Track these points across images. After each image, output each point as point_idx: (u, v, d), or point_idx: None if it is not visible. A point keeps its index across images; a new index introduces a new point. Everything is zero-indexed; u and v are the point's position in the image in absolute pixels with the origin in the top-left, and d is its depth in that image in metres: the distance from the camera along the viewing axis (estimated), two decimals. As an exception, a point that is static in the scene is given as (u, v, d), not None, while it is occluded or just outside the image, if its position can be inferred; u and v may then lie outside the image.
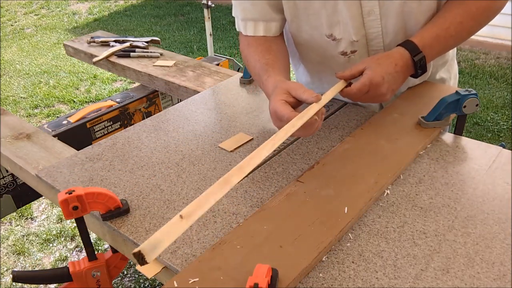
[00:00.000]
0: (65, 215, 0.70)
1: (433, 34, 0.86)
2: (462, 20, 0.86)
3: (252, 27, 0.97)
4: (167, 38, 4.53)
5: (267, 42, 0.97)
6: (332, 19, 0.91)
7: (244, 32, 0.99)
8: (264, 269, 0.54)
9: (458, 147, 0.87)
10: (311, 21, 0.93)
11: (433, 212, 0.71)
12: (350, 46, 0.94)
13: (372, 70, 0.82)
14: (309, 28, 0.95)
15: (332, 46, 0.96)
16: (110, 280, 0.84)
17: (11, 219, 2.23)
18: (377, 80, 0.81)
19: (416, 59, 0.85)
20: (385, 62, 0.84)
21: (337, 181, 0.77)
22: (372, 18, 0.90)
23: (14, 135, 1.09)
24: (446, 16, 0.87)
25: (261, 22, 0.97)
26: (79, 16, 5.48)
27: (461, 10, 0.86)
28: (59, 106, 3.35)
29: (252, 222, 0.69)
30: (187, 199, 0.78)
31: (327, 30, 0.93)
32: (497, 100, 3.04)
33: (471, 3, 0.86)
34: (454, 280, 0.59)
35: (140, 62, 1.54)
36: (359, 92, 0.83)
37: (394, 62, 0.84)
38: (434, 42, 0.86)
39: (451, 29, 0.86)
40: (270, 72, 0.89)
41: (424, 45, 0.86)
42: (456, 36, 0.87)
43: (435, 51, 0.88)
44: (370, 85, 0.82)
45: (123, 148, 0.95)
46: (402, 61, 0.85)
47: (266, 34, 0.98)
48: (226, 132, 0.99)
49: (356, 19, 0.90)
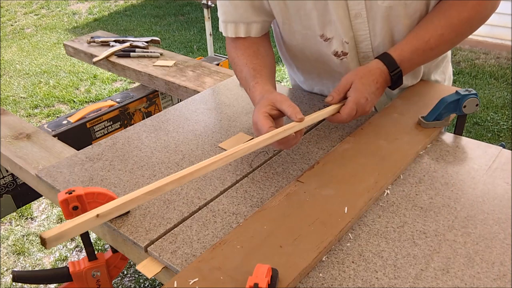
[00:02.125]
0: (65, 215, 0.70)
1: (412, 48, 0.87)
2: (443, 32, 0.87)
3: (232, 28, 0.97)
4: (167, 38, 4.53)
5: (254, 45, 0.97)
6: (323, 19, 0.91)
7: (225, 33, 0.99)
8: (264, 269, 0.54)
9: (458, 147, 0.87)
10: (303, 21, 0.94)
11: (433, 212, 0.71)
12: (341, 46, 0.95)
13: (356, 91, 0.84)
14: (301, 28, 0.96)
15: (325, 46, 0.96)
16: (110, 280, 0.84)
17: (11, 219, 2.23)
18: (362, 101, 0.84)
19: (392, 74, 0.87)
20: (367, 80, 0.85)
21: (337, 181, 0.77)
22: (360, 21, 0.90)
23: (14, 135, 1.09)
24: (427, 27, 0.88)
25: (242, 24, 0.97)
26: (79, 16, 5.48)
27: (443, 21, 0.87)
28: (59, 106, 3.35)
29: (252, 222, 0.69)
30: (187, 199, 0.78)
31: (319, 30, 0.93)
32: (497, 100, 3.04)
33: (454, 15, 0.86)
34: (454, 280, 0.59)
35: (140, 62, 1.54)
36: (349, 117, 0.84)
37: (376, 80, 0.86)
38: (414, 56, 0.88)
39: (431, 41, 0.87)
40: (258, 79, 0.89)
41: (403, 60, 0.87)
42: (436, 48, 0.88)
43: (413, 64, 0.90)
44: (357, 108, 0.84)
45: (123, 148, 0.95)
46: (382, 78, 0.87)
47: (247, 35, 0.98)
48: (226, 132, 0.99)
49: (345, 21, 0.90)
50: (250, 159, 0.88)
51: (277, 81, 3.76)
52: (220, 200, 0.78)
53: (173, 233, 0.71)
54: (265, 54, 0.97)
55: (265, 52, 0.98)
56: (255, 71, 0.91)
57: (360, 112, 0.85)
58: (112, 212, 0.58)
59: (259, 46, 0.98)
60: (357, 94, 0.83)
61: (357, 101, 0.83)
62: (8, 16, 5.63)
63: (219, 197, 0.78)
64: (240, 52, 0.97)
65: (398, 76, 0.88)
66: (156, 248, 0.68)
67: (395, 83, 0.89)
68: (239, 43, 0.98)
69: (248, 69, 0.92)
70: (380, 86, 0.86)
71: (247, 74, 0.92)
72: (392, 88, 0.91)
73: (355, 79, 0.85)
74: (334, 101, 0.85)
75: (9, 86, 3.68)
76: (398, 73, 0.87)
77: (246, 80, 0.92)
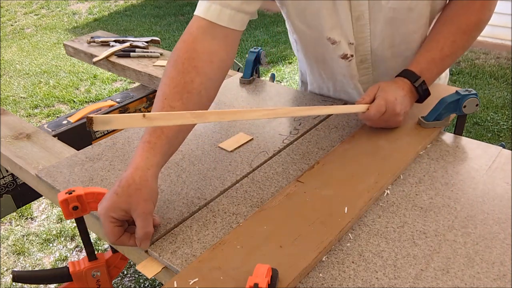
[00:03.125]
0: (65, 215, 0.70)
1: (428, 58, 0.88)
2: (455, 38, 0.87)
3: (217, 11, 0.78)
4: (167, 38, 4.53)
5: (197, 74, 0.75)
6: (331, 21, 0.91)
7: (204, 14, 0.79)
8: (264, 269, 0.54)
9: (458, 147, 0.87)
10: (311, 21, 0.93)
11: (433, 212, 0.71)
12: (348, 49, 0.95)
13: (383, 91, 0.85)
14: (305, 28, 0.95)
15: (332, 49, 0.96)
16: (110, 280, 0.84)
17: (11, 219, 2.23)
18: (391, 99, 0.84)
19: (416, 85, 0.87)
20: (392, 86, 0.86)
21: (337, 181, 0.77)
22: (361, 23, 0.90)
23: (14, 135, 1.08)
24: (438, 39, 0.88)
25: (228, 10, 0.79)
26: (79, 16, 5.48)
27: (452, 29, 0.87)
28: (59, 106, 3.35)
29: (252, 222, 0.69)
30: (187, 199, 0.78)
31: (327, 33, 0.93)
32: (497, 100, 3.03)
33: (461, 20, 0.87)
34: (454, 280, 0.59)
35: (140, 62, 1.54)
36: (377, 113, 0.84)
37: (400, 87, 0.86)
38: (431, 65, 0.88)
39: (445, 49, 0.87)
40: (156, 140, 0.69)
41: (422, 70, 0.87)
42: (451, 55, 0.88)
43: (434, 73, 0.89)
44: (386, 105, 0.84)
45: (123, 148, 0.95)
46: (406, 86, 0.86)
47: (230, 25, 0.80)
48: (226, 132, 0.99)
49: (347, 23, 0.90)
50: (250, 159, 0.88)
51: (277, 81, 3.73)
52: (220, 200, 0.78)
53: (173, 233, 0.71)
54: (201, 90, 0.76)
55: (198, 91, 0.75)
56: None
57: (389, 112, 0.84)
58: (158, 118, 0.58)
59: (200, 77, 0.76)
60: (385, 93, 0.84)
61: (385, 98, 0.83)
62: (8, 16, 5.63)
63: (219, 197, 0.78)
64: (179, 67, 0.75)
65: (423, 88, 0.87)
66: (156, 248, 0.68)
67: (423, 95, 0.88)
68: (204, 39, 0.79)
69: (161, 105, 0.72)
70: (407, 93, 0.86)
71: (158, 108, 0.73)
72: (421, 101, 0.90)
73: (381, 83, 0.87)
74: (364, 101, 0.86)
75: (9, 86, 3.68)
76: (422, 83, 0.87)
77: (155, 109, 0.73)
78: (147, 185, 0.66)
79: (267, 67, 3.76)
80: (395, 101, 0.84)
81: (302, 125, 1.00)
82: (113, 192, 0.65)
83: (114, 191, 0.65)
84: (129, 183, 0.65)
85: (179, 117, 0.61)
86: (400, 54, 0.96)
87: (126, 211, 0.65)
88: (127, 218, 0.67)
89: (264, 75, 3.56)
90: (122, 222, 0.67)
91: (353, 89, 1.03)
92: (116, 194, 0.65)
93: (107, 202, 0.65)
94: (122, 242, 0.67)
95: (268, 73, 3.62)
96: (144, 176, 0.66)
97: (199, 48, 0.77)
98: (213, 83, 0.79)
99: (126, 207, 0.65)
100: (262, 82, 1.23)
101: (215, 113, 0.66)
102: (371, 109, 0.84)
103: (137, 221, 0.65)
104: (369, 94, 0.87)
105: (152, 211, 0.67)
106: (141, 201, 0.65)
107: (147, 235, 0.66)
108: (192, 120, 0.62)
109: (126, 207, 0.65)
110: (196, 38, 0.78)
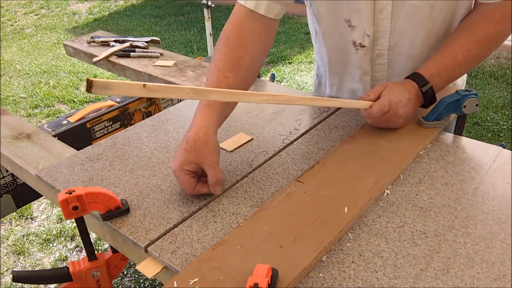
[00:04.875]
0: (65, 215, 0.70)
1: (440, 64, 0.87)
2: (470, 48, 0.86)
3: (254, 2, 0.87)
4: (167, 38, 4.53)
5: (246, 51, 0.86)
6: (351, 5, 0.91)
7: (244, 2, 0.88)
8: (264, 269, 0.54)
9: (458, 147, 0.87)
10: (332, 4, 0.94)
11: (433, 212, 0.71)
12: (361, 37, 0.95)
13: (389, 91, 0.85)
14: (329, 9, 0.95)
15: (348, 32, 0.96)
16: (110, 280, 0.84)
17: (11, 219, 2.23)
18: (396, 100, 0.84)
19: (424, 90, 0.86)
20: (399, 87, 0.86)
21: (337, 181, 0.77)
22: (383, 17, 0.90)
23: (14, 135, 1.08)
24: (453, 45, 0.87)
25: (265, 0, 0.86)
26: (79, 16, 5.48)
27: (469, 38, 0.86)
28: (59, 106, 3.35)
29: (252, 222, 0.69)
30: (187, 199, 0.78)
31: (346, 15, 0.93)
32: (497, 100, 3.03)
33: (479, 31, 0.86)
34: (454, 280, 0.59)
35: (140, 62, 1.54)
36: (380, 112, 0.84)
37: (407, 90, 0.86)
38: (442, 71, 0.87)
39: (458, 57, 0.86)
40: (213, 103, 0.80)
41: (431, 75, 0.87)
42: (464, 64, 0.87)
43: (443, 80, 0.88)
44: (390, 105, 0.84)
45: (123, 148, 0.95)
46: (413, 90, 0.86)
47: (266, 14, 0.87)
48: (226, 132, 0.99)
49: (369, 14, 0.90)
50: (250, 159, 0.88)
51: (277, 81, 3.73)
52: (220, 200, 0.78)
53: (173, 233, 0.71)
54: (247, 67, 0.86)
55: (248, 65, 0.86)
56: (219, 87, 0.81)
57: (392, 112, 0.85)
58: (157, 89, 0.60)
59: (248, 55, 0.86)
60: (390, 93, 0.85)
61: (390, 98, 0.84)
62: (8, 16, 5.63)
63: (219, 197, 0.78)
64: (231, 43, 0.86)
65: (430, 93, 0.87)
66: (156, 248, 0.68)
67: (428, 101, 0.88)
68: (249, 21, 0.88)
69: (215, 78, 0.83)
70: (413, 97, 0.86)
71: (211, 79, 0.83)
72: (426, 106, 0.90)
73: (388, 83, 0.87)
74: (368, 98, 0.86)
75: (9, 86, 3.68)
76: (429, 89, 0.86)
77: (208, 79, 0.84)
78: (211, 140, 0.76)
79: (267, 67, 3.76)
80: (399, 102, 0.84)
81: (302, 125, 1.00)
82: (183, 149, 0.75)
83: (184, 148, 0.75)
84: (195, 139, 0.75)
85: (179, 91, 0.63)
86: (417, 56, 0.96)
87: (197, 163, 0.75)
88: (199, 169, 0.76)
89: (264, 75, 3.56)
90: (194, 174, 0.76)
91: (358, 82, 1.03)
92: (186, 151, 0.74)
93: (179, 158, 0.75)
94: (198, 191, 0.77)
95: (268, 73, 3.62)
96: (208, 132, 0.76)
97: (246, 28, 0.88)
98: (258, 60, 0.90)
99: (197, 159, 0.74)
100: (262, 82, 1.23)
101: (216, 92, 0.68)
102: (374, 107, 0.84)
103: (207, 170, 0.75)
104: (375, 92, 0.87)
105: (218, 161, 0.77)
106: (208, 154, 0.75)
107: (219, 181, 0.75)
108: (192, 96, 0.64)
109: (197, 159, 0.74)
110: (242, 20, 0.88)
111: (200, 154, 0.75)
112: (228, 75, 0.82)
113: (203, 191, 0.77)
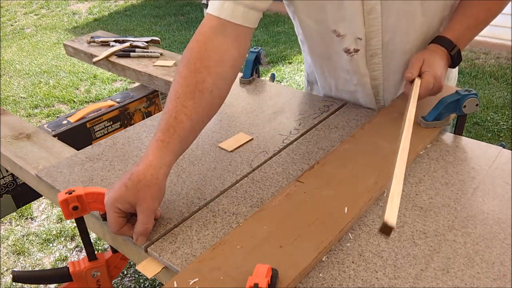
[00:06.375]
0: (65, 215, 0.70)
1: (464, 25, 0.91)
2: (490, 6, 0.90)
3: (230, 9, 0.77)
4: (167, 38, 4.53)
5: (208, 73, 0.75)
6: (337, 15, 0.91)
7: (218, 12, 0.78)
8: (264, 269, 0.54)
9: (458, 147, 0.87)
10: (315, 15, 0.94)
11: (433, 212, 0.71)
12: (354, 43, 0.94)
13: (430, 66, 0.88)
14: (313, 23, 0.95)
15: (337, 42, 0.96)
16: (110, 280, 0.84)
17: (11, 219, 2.23)
18: (438, 74, 0.87)
19: (452, 54, 0.90)
20: (435, 57, 0.89)
21: (337, 181, 0.77)
22: (373, 17, 0.90)
23: (14, 135, 1.08)
24: (473, 5, 0.91)
25: (242, 6, 0.78)
26: (79, 16, 5.48)
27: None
28: (59, 106, 3.35)
29: (252, 222, 0.69)
30: (187, 199, 0.78)
31: (332, 25, 0.93)
32: (497, 100, 3.03)
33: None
34: (454, 280, 0.59)
35: (140, 62, 1.54)
36: (426, 90, 0.86)
37: (441, 58, 0.90)
38: (466, 32, 0.91)
39: (480, 16, 0.90)
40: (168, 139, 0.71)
41: (458, 38, 0.90)
42: (485, 21, 0.92)
43: (467, 40, 0.92)
44: (434, 82, 0.87)
45: (123, 148, 0.95)
46: (445, 56, 0.90)
47: (244, 23, 0.79)
48: (226, 132, 0.99)
49: (359, 17, 0.90)
50: (250, 159, 0.88)
51: (277, 81, 3.73)
52: (220, 200, 0.78)
53: (173, 233, 0.71)
54: (212, 89, 0.75)
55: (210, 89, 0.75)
56: (176, 121, 0.71)
57: (436, 87, 0.88)
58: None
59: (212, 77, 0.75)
60: (432, 68, 0.87)
61: (434, 74, 0.86)
62: (8, 16, 5.63)
63: (219, 197, 0.78)
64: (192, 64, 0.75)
65: (457, 55, 0.91)
66: (156, 248, 0.68)
67: (456, 62, 0.92)
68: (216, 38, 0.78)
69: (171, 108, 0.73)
70: (446, 62, 0.90)
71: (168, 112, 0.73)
72: (454, 66, 0.94)
73: (425, 56, 0.89)
74: (414, 76, 0.88)
75: (9, 86, 3.68)
76: (457, 51, 0.90)
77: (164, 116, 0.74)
78: (157, 183, 0.68)
79: (267, 67, 3.76)
80: (441, 76, 0.87)
81: (302, 125, 1.00)
82: (123, 184, 0.67)
83: (124, 183, 0.67)
84: (140, 178, 0.67)
85: None
86: (411, 50, 0.96)
87: (132, 204, 0.67)
88: (132, 211, 0.68)
89: (264, 75, 3.56)
90: (126, 214, 0.69)
91: (356, 85, 1.03)
92: (126, 187, 0.66)
93: (115, 192, 0.67)
94: (123, 232, 0.70)
95: (268, 73, 3.62)
96: (156, 174, 0.68)
97: (211, 47, 0.77)
98: (225, 82, 0.78)
99: (133, 200, 0.67)
100: (262, 82, 1.23)
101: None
102: (421, 90, 0.86)
103: (139, 216, 0.67)
104: (416, 68, 0.89)
105: (156, 209, 0.70)
106: (148, 198, 0.67)
107: (146, 231, 0.68)
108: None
109: (133, 200, 0.67)
110: (208, 37, 0.78)
111: (139, 196, 0.66)
112: (187, 103, 0.72)
113: (128, 235, 0.70)
